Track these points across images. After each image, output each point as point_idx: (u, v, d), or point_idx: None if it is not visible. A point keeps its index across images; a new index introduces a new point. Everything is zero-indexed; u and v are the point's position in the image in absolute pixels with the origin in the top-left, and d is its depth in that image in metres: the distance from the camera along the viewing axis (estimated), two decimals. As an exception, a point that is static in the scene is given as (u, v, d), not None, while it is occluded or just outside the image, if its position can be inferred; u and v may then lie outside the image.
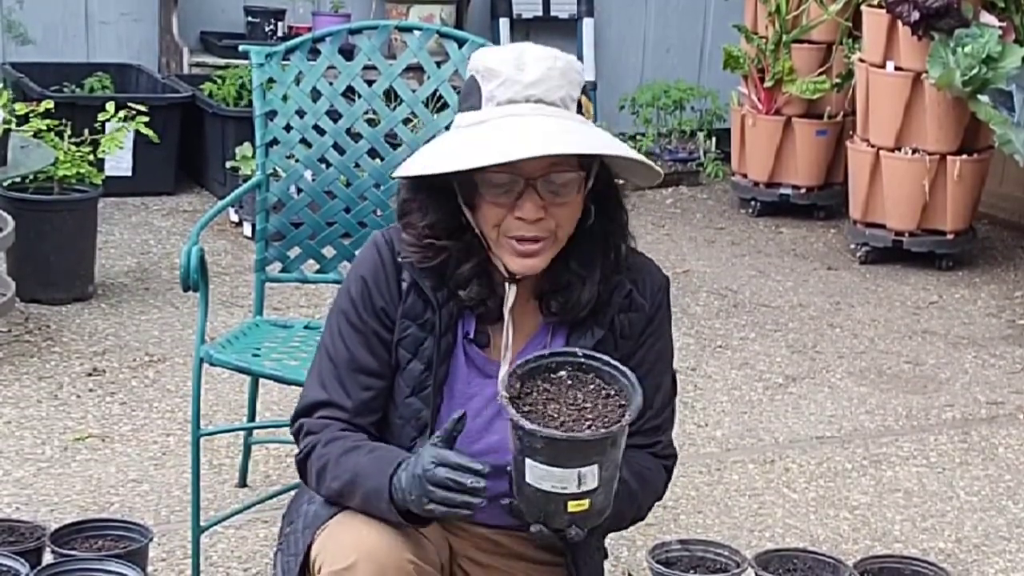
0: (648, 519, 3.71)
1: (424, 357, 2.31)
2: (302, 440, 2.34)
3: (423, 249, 2.28)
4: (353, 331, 2.33)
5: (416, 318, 2.31)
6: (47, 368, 4.46)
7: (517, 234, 2.22)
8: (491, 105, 2.21)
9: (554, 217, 2.22)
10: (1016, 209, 6.83)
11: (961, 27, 5.69)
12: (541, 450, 2.07)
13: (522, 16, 7.59)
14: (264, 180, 3.44)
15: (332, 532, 2.24)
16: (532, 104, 2.19)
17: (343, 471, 2.25)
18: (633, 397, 2.15)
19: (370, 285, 2.32)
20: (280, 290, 5.15)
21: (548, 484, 2.09)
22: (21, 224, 4.56)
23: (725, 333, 5.20)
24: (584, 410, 2.13)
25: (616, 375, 2.19)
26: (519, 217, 2.20)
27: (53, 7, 6.75)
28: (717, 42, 7.39)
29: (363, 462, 2.24)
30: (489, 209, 2.22)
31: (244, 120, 5.80)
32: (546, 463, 2.08)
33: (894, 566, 3.27)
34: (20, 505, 3.61)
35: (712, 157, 7.32)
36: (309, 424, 2.34)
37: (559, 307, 2.31)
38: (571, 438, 2.07)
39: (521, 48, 2.25)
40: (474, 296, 2.29)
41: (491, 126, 2.19)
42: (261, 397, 3.90)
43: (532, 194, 2.19)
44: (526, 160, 2.15)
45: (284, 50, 3.42)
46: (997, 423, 4.58)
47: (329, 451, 2.28)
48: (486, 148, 2.15)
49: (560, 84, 2.21)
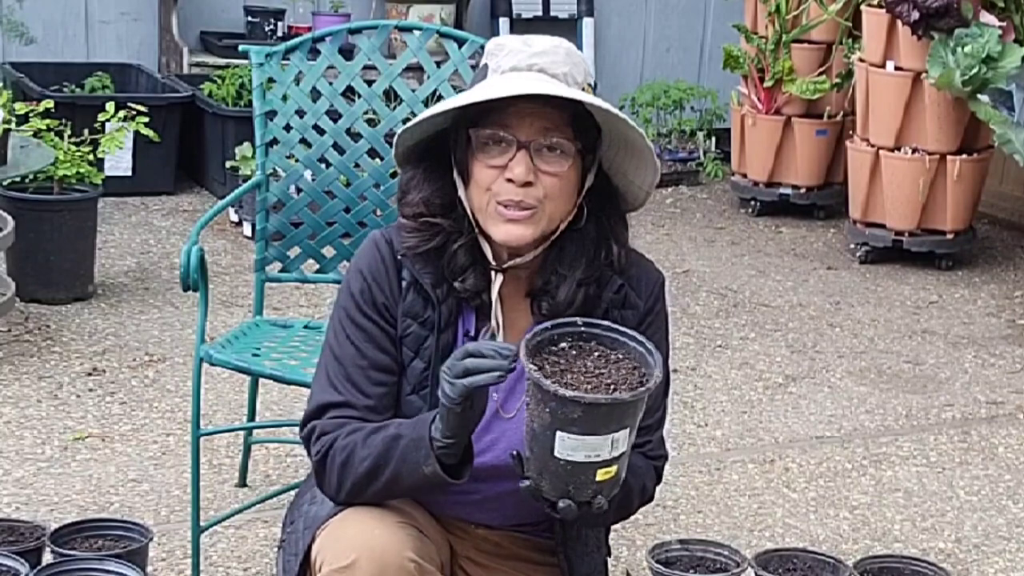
0: (648, 519, 3.73)
1: (425, 356, 2.31)
2: (316, 443, 2.30)
3: (419, 229, 2.30)
4: (357, 328, 2.32)
5: (417, 316, 2.31)
6: (47, 368, 4.46)
7: (506, 199, 2.23)
8: (495, 74, 2.25)
9: (544, 186, 2.24)
10: (1016, 209, 6.83)
11: (961, 27, 5.70)
12: (578, 419, 2.05)
13: (522, 16, 7.59)
14: (264, 180, 3.44)
15: (333, 531, 2.24)
16: (535, 72, 2.23)
17: (372, 448, 2.23)
18: (645, 358, 2.14)
19: (370, 281, 2.33)
20: (280, 290, 5.15)
21: (581, 454, 2.07)
22: (21, 224, 4.57)
23: (725, 333, 5.20)
24: (601, 376, 2.11)
25: (619, 339, 2.18)
26: (509, 179, 2.22)
27: (53, 7, 6.75)
28: (717, 42, 7.40)
29: (392, 431, 2.23)
30: (481, 171, 2.24)
31: (244, 120, 5.81)
32: (581, 432, 2.05)
33: (894, 566, 3.27)
34: (20, 505, 3.61)
35: (712, 157, 7.32)
36: (322, 425, 2.31)
37: (548, 308, 2.32)
38: (614, 401, 2.05)
39: (530, 35, 2.32)
40: (469, 287, 2.30)
41: (487, 84, 2.24)
42: (261, 397, 3.90)
43: (524, 156, 2.22)
44: (520, 122, 2.20)
45: (284, 50, 3.42)
46: (997, 423, 4.58)
47: (352, 439, 2.25)
48: (480, 94, 2.20)
49: (564, 61, 2.25)
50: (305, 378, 3.09)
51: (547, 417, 2.06)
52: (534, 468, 2.13)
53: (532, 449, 2.11)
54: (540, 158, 2.23)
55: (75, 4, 6.80)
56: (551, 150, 2.23)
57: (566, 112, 2.23)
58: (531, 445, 2.11)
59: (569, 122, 2.24)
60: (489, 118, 2.22)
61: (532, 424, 2.09)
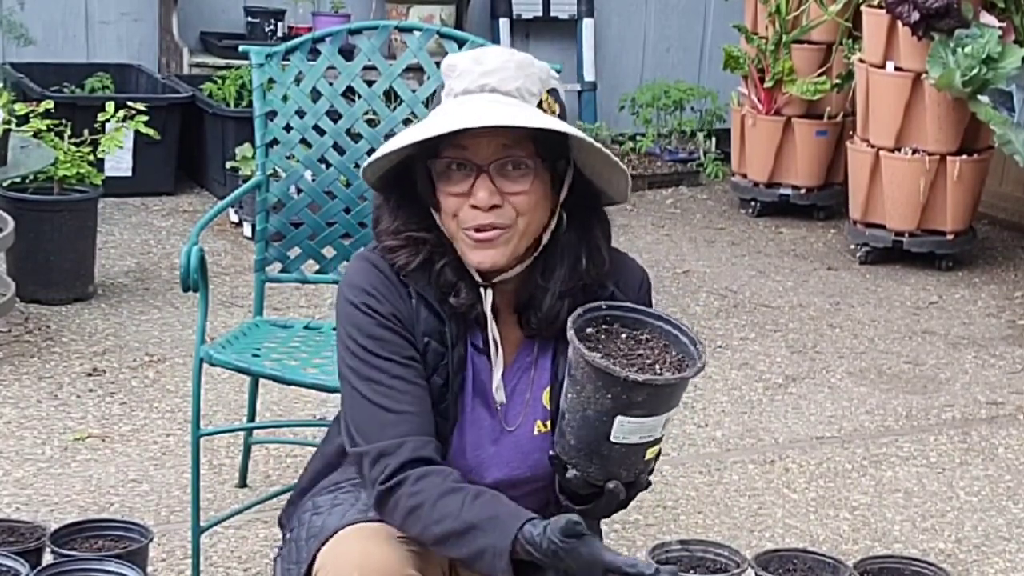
0: (648, 519, 3.73)
1: (444, 372, 2.28)
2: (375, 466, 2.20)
3: (405, 246, 2.25)
4: (377, 341, 2.24)
5: (433, 334, 2.27)
6: (47, 368, 4.46)
7: (473, 224, 2.20)
8: (448, 98, 2.21)
9: (513, 206, 2.20)
10: (1016, 209, 6.83)
11: (961, 27, 5.70)
12: (642, 402, 2.05)
13: (522, 16, 7.59)
14: (264, 180, 3.44)
15: (334, 547, 2.21)
16: (487, 93, 2.19)
17: (445, 516, 2.15)
18: (672, 335, 2.15)
19: (375, 293, 2.26)
20: (280, 290, 5.15)
21: (637, 436, 2.07)
22: (21, 224, 4.56)
23: (725, 333, 5.20)
24: (640, 357, 2.11)
25: (641, 318, 2.18)
26: (474, 205, 2.19)
27: (53, 7, 6.75)
28: (717, 42, 7.40)
29: (473, 513, 2.14)
30: (446, 200, 2.21)
31: (244, 120, 5.80)
32: (642, 415, 2.06)
33: (894, 566, 3.27)
34: (20, 505, 3.61)
35: (712, 157, 7.32)
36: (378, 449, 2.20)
37: (535, 322, 2.30)
38: (681, 380, 2.07)
39: (483, 48, 2.30)
40: (464, 301, 2.26)
41: (440, 111, 2.20)
42: (261, 397, 3.90)
43: (485, 180, 2.18)
44: (477, 145, 2.16)
45: (284, 50, 3.42)
46: (997, 423, 4.58)
47: (422, 490, 2.17)
48: (427, 129, 2.16)
49: (515, 75, 2.20)
50: (305, 378, 3.09)
51: (607, 403, 2.05)
52: (581, 456, 2.11)
53: (579, 438, 2.09)
54: (503, 177, 2.19)
55: (75, 5, 6.80)
56: (514, 167, 2.19)
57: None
58: (579, 434, 2.09)
59: (528, 135, 2.18)
60: (445, 145, 2.18)
61: (585, 411, 2.07)
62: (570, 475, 2.14)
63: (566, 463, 2.15)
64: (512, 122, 2.14)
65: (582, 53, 7.63)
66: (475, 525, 2.13)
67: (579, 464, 2.13)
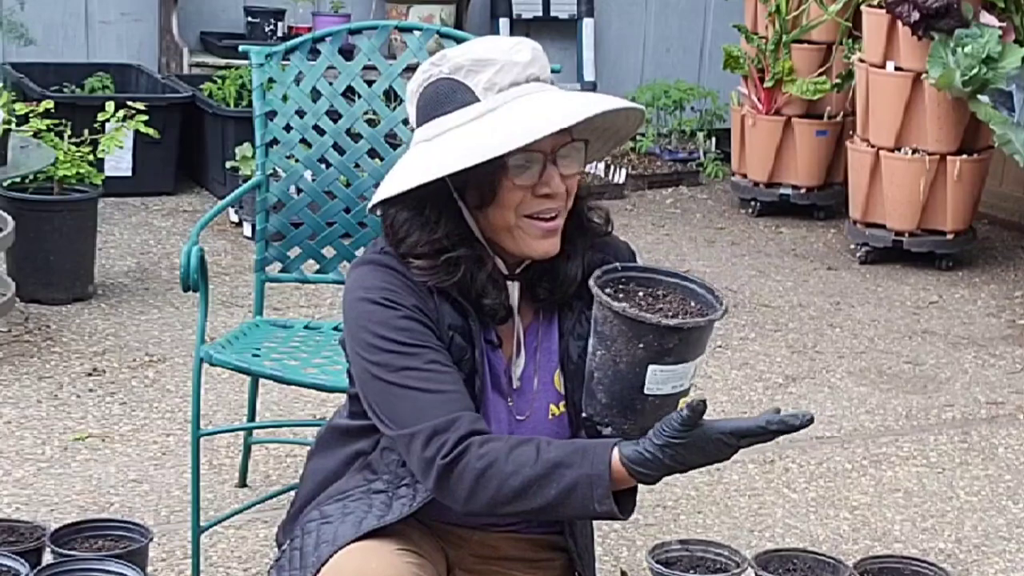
0: (648, 519, 3.73)
1: (466, 367, 2.26)
2: (429, 445, 2.12)
3: (439, 268, 2.22)
4: (403, 332, 2.19)
5: (458, 329, 2.25)
6: (47, 368, 4.46)
7: (541, 211, 2.21)
8: (493, 92, 2.20)
9: (568, 189, 2.24)
10: (1016, 209, 6.83)
11: (961, 27, 5.70)
12: (675, 348, 2.06)
13: (522, 16, 7.59)
14: (264, 180, 3.44)
15: (337, 563, 2.19)
16: (534, 83, 2.21)
17: (523, 465, 2.09)
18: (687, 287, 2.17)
19: (391, 288, 2.22)
20: (280, 290, 5.15)
21: (669, 386, 2.09)
22: (21, 224, 4.56)
23: (725, 333, 5.20)
24: (661, 310, 2.11)
25: (654, 277, 2.20)
26: (545, 194, 2.20)
27: (53, 7, 6.75)
28: (717, 42, 7.40)
29: (555, 453, 2.09)
30: (511, 193, 2.19)
31: (244, 120, 5.81)
32: (675, 361, 2.07)
33: (894, 566, 3.27)
34: (20, 505, 3.61)
35: (712, 157, 7.32)
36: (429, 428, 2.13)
37: (547, 291, 2.30)
38: (709, 321, 2.08)
39: (489, 39, 2.29)
40: (495, 300, 2.26)
41: (505, 110, 2.18)
42: (261, 397, 3.90)
43: (553, 168, 2.20)
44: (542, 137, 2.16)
45: (284, 50, 3.42)
46: (997, 423, 4.58)
47: (491, 451, 2.10)
48: (512, 131, 2.13)
49: (545, 64, 2.25)
50: (305, 378, 3.09)
51: (640, 353, 2.06)
52: (615, 413, 2.11)
53: (611, 393, 2.09)
54: (561, 163, 2.21)
55: (75, 5, 6.80)
56: (572, 154, 2.21)
57: None
58: (611, 389, 2.09)
59: None
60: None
61: (617, 365, 2.08)
62: (606, 433, 2.12)
63: (598, 423, 2.13)
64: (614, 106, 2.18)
65: (582, 53, 7.64)
66: (560, 462, 2.09)
67: (614, 422, 2.11)
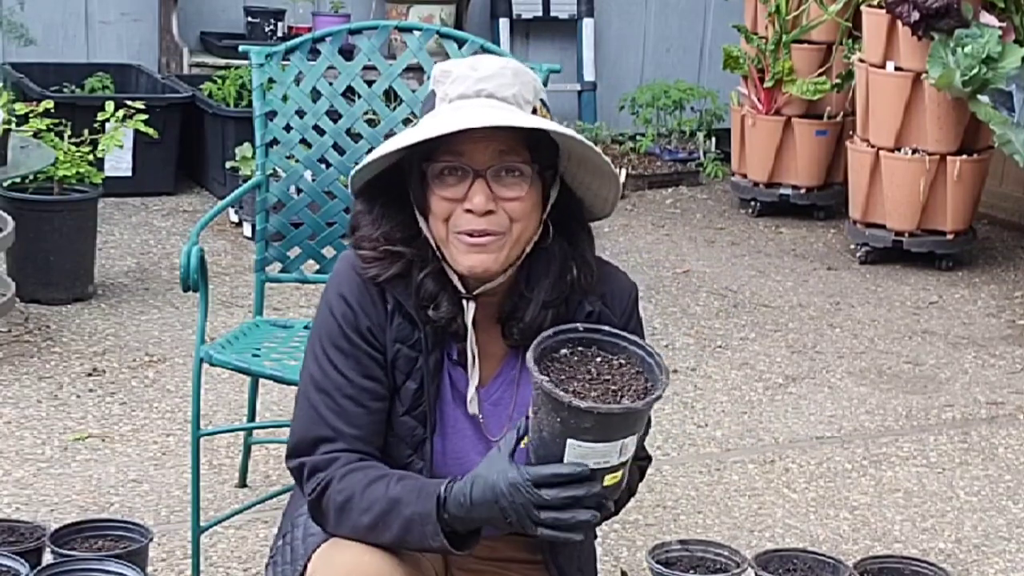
0: (648, 519, 3.73)
1: (417, 377, 2.27)
2: (309, 480, 2.22)
3: (381, 258, 2.25)
4: (343, 355, 2.25)
5: (406, 340, 2.26)
6: (47, 368, 4.46)
7: (467, 228, 2.18)
8: (444, 103, 2.20)
9: (507, 212, 2.19)
10: (1016, 209, 6.83)
11: (961, 27, 5.70)
12: (591, 428, 2.03)
13: (522, 16, 7.59)
14: (264, 180, 3.44)
15: (327, 553, 2.20)
16: (483, 98, 2.18)
17: (373, 502, 2.16)
18: (647, 362, 2.13)
19: (355, 307, 2.26)
20: (280, 290, 5.16)
21: (592, 461, 2.06)
22: (21, 224, 4.56)
23: (725, 333, 5.20)
24: (606, 382, 2.10)
25: (619, 343, 2.16)
26: (469, 210, 2.17)
27: (53, 7, 6.75)
28: (717, 42, 7.40)
29: (397, 490, 2.15)
30: (438, 204, 2.19)
31: (244, 120, 5.81)
32: (593, 440, 2.05)
33: (894, 566, 3.27)
34: (20, 505, 3.61)
35: (712, 157, 7.32)
36: (313, 462, 2.23)
37: (518, 333, 2.28)
38: (627, 410, 2.04)
39: (477, 56, 2.28)
40: (444, 314, 2.25)
41: (435, 115, 2.19)
42: (261, 397, 3.90)
43: (482, 185, 2.17)
44: (473, 150, 2.15)
45: (284, 50, 3.42)
46: (997, 423, 4.58)
47: (349, 485, 2.18)
48: (425, 131, 2.15)
49: (512, 82, 2.19)
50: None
51: (558, 426, 2.05)
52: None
53: (539, 457, 2.09)
54: (499, 183, 2.17)
55: (75, 5, 6.80)
56: (509, 173, 2.18)
57: (520, 132, 2.17)
58: (538, 454, 2.10)
59: (524, 142, 2.18)
60: (441, 149, 2.17)
61: (541, 432, 2.08)
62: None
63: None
64: (516, 123, 2.13)
65: (582, 53, 7.64)
66: (400, 499, 2.15)
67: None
